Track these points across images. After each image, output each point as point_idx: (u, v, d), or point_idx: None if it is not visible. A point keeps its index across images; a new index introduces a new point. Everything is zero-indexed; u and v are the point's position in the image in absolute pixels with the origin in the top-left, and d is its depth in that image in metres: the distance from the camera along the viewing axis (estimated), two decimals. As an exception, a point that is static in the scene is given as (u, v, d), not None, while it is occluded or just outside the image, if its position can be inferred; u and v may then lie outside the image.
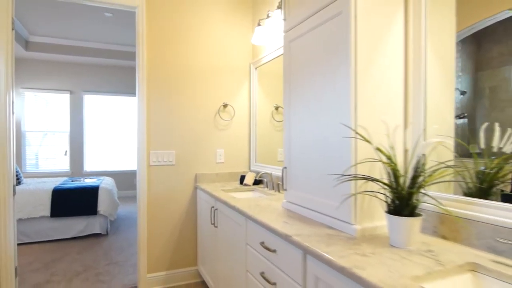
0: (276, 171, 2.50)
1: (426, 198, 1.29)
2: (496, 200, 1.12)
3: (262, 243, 1.55)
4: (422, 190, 1.12)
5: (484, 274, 0.99)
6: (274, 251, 1.45)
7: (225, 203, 2.05)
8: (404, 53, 1.42)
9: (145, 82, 2.68)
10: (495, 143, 1.20)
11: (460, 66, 1.28)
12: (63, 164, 6.53)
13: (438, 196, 1.27)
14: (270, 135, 2.71)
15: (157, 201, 2.73)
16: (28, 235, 3.83)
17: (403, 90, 1.41)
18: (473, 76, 1.22)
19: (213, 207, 2.35)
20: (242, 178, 2.79)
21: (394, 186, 1.13)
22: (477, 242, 1.13)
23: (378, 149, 1.11)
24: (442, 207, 1.21)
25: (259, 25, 2.56)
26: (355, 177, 1.21)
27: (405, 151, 1.30)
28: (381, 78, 1.35)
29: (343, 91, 1.34)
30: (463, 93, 1.28)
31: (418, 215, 1.14)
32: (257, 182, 2.74)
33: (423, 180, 1.10)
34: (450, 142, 1.27)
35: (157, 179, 2.72)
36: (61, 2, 4.21)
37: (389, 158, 1.12)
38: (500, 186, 1.17)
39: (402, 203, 1.13)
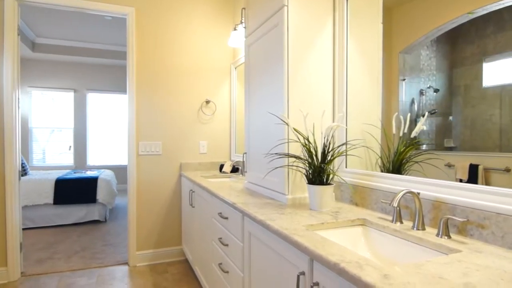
0: (249, 160, 2.82)
1: (342, 174, 1.60)
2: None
3: (220, 214, 1.87)
4: (337, 166, 1.42)
5: (369, 226, 1.30)
6: (226, 218, 1.77)
7: (198, 185, 2.37)
8: (332, 56, 1.72)
9: (135, 79, 3.01)
10: (401, 131, 1.51)
11: (435, 65, 1.37)
12: (68, 158, 6.92)
13: (354, 172, 1.58)
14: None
15: (145, 187, 3.06)
16: (33, 220, 4.20)
17: (332, 86, 1.72)
18: (447, 75, 1.27)
19: (191, 190, 2.68)
20: (221, 167, 3.11)
21: (309, 161, 1.43)
22: (375, 205, 1.44)
23: (295, 129, 1.42)
24: (339, 176, 1.51)
25: (235, 29, 2.87)
26: (278, 155, 1.52)
27: (321, 133, 1.60)
28: (311, 75, 1.66)
29: (279, 85, 1.65)
30: (436, 90, 1.38)
31: (329, 184, 1.44)
32: (235, 170, 3.05)
33: (331, 156, 1.41)
34: (377, 130, 1.56)
35: (145, 167, 3.06)
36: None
37: (305, 139, 1.43)
38: (408, 165, 1.47)
39: (316, 175, 1.43)
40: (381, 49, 1.61)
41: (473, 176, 1.14)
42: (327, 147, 1.40)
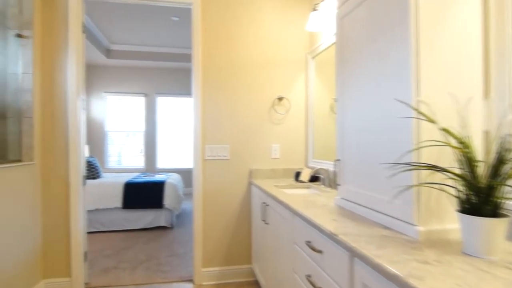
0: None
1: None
2: None
3: (308, 242, 1.39)
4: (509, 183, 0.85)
5: None
6: (320, 251, 1.28)
7: (273, 197, 1.92)
8: (483, 11, 1.13)
9: (200, 76, 2.69)
10: None
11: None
12: (140, 161, 7.09)
13: (534, 194, 0.97)
14: (329, 130, 2.50)
15: (211, 195, 2.72)
16: (103, 224, 4.19)
17: (482, 56, 1.12)
18: None
19: (264, 202, 2.25)
20: (298, 175, 2.63)
21: (469, 177, 0.88)
22: None
23: (445, 130, 0.88)
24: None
25: (314, 10, 2.38)
26: (414, 166, 0.99)
27: (484, 132, 1.02)
28: (451, 42, 1.09)
29: (400, 59, 1.11)
30: None
31: (503, 215, 0.87)
32: (313, 179, 2.55)
33: (510, 169, 0.84)
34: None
35: (211, 173, 2.72)
36: (131, 9, 4.54)
37: (460, 141, 0.88)
38: None
39: (480, 200, 0.87)
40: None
41: None
42: (503, 154, 0.83)
